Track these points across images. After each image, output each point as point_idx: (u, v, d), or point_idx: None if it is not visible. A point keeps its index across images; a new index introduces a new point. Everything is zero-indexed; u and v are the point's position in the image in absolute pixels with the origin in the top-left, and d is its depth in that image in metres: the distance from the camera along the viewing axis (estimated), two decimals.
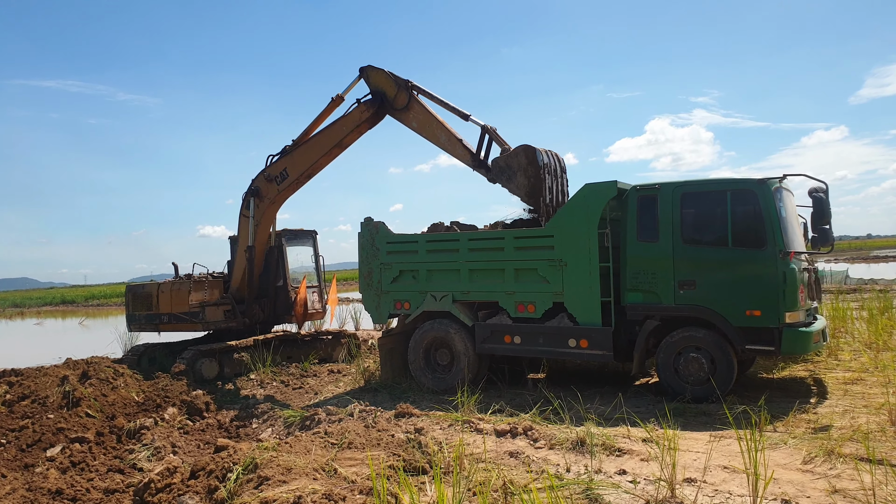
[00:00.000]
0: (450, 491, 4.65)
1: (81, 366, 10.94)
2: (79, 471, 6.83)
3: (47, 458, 7.18)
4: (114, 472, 6.85)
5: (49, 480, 6.37)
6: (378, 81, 10.77)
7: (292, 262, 14.42)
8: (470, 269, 9.67)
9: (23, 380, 10.69)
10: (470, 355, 9.56)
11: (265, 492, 4.64)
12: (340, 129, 11.12)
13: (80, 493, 6.10)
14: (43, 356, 16.46)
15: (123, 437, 7.99)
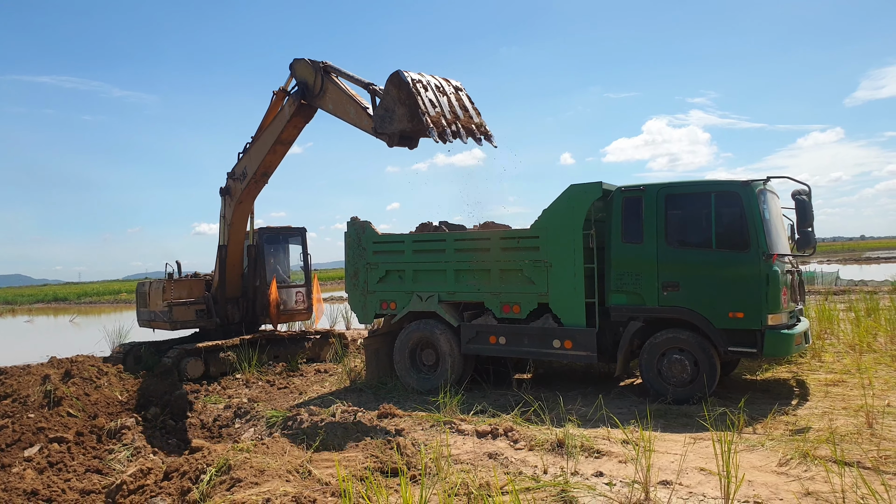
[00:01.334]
0: (417, 493, 4.63)
1: (65, 364, 10.87)
2: (56, 471, 6.79)
3: (24, 459, 7.14)
4: (92, 472, 6.82)
5: (25, 481, 6.33)
6: (301, 72, 10.38)
7: (291, 261, 14.43)
8: (456, 270, 9.65)
9: (6, 378, 10.65)
10: (455, 356, 9.55)
11: (236, 494, 4.62)
12: (277, 125, 10.94)
13: (56, 494, 6.06)
14: (30, 354, 16.37)
15: (104, 436, 7.95)
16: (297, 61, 10.43)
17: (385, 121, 8.29)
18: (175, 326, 13.05)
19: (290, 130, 10.89)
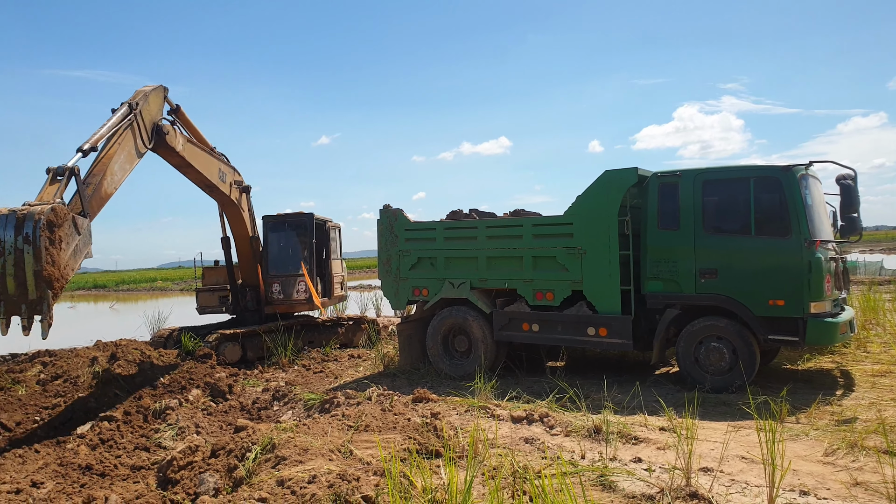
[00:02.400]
0: (462, 474, 4.70)
1: (110, 348, 11.23)
2: (107, 448, 7.03)
3: (78, 436, 7.41)
4: (140, 449, 7.03)
5: (80, 456, 6.58)
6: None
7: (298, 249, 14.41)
8: (488, 257, 9.68)
9: (56, 360, 11.03)
10: (488, 342, 9.60)
11: (282, 471, 4.74)
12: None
13: (109, 469, 6.29)
14: (75, 338, 16.89)
15: (150, 416, 8.20)
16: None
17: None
18: (201, 311, 13.87)
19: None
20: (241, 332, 12.62)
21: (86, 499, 5.48)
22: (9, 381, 10.32)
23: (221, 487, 5.13)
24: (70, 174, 7.24)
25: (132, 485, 5.92)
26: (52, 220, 6.27)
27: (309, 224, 13.69)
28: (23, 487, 5.86)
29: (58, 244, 6.36)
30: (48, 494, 5.70)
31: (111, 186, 8.11)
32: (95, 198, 7.79)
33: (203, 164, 10.94)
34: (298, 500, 4.19)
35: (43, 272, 6.19)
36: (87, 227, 6.94)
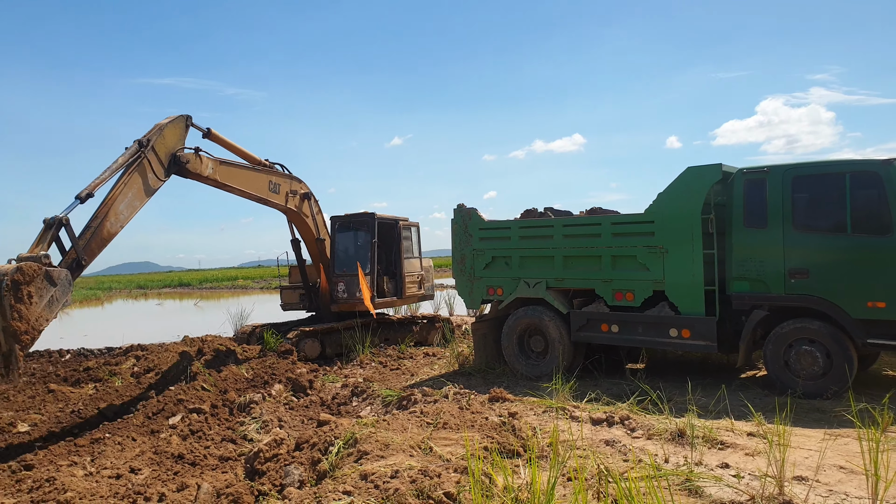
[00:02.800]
0: (545, 475, 4.66)
1: (197, 343, 11.74)
2: (196, 438, 7.36)
3: (170, 426, 7.79)
4: (227, 441, 7.32)
5: (172, 445, 6.91)
6: None
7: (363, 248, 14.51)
8: (564, 256, 9.56)
9: (148, 354, 11.64)
10: (565, 343, 9.47)
11: (364, 465, 4.82)
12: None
13: (199, 459, 6.58)
14: (164, 333, 17.75)
15: (235, 409, 8.52)
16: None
17: None
18: (284, 307, 14.44)
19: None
20: (320, 329, 12.95)
21: (179, 486, 5.74)
22: (106, 373, 10.97)
23: (306, 480, 5.27)
24: (59, 225, 7.66)
25: (221, 474, 6.17)
26: (19, 278, 6.69)
27: (371, 223, 13.77)
28: (122, 473, 6.20)
29: (26, 300, 6.75)
30: (145, 480, 6.00)
31: (115, 226, 8.51)
32: (96, 240, 8.23)
33: (244, 182, 11.22)
34: (382, 495, 4.25)
35: (9, 328, 6.62)
36: (65, 277, 7.30)
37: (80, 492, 5.57)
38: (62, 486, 5.67)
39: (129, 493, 5.62)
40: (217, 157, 10.59)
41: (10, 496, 5.74)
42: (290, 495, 4.74)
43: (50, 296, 7.03)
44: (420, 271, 14.94)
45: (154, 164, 9.08)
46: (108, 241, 8.48)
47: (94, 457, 6.81)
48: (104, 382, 10.51)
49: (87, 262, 8.02)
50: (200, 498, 5.40)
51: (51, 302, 7.05)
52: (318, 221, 13.30)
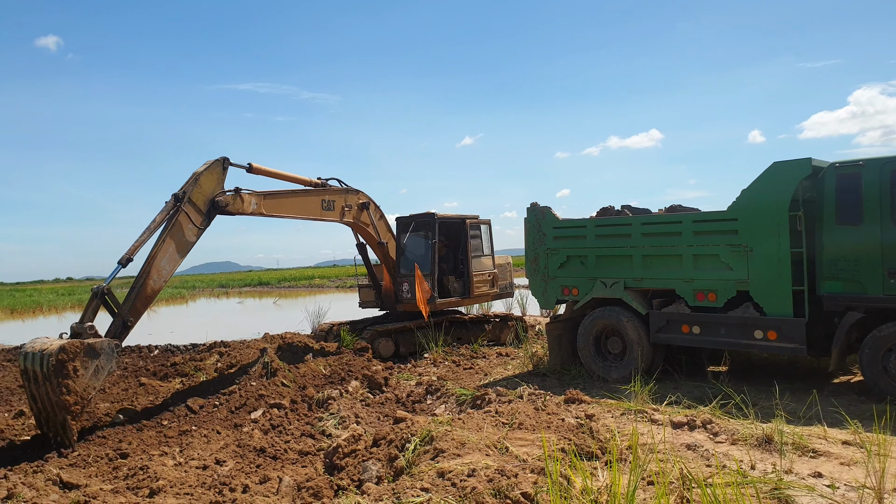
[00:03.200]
0: (625, 478, 4.55)
1: (276, 340, 12.11)
2: (277, 433, 7.58)
3: (252, 420, 8.06)
4: (306, 436, 7.50)
5: (254, 439, 7.14)
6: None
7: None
8: (643, 255, 9.31)
9: (230, 351, 12.08)
10: (643, 344, 9.23)
11: (441, 463, 4.85)
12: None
13: (280, 453, 6.78)
14: (245, 331, 18.40)
15: (313, 405, 8.73)
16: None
17: None
18: (361, 305, 14.80)
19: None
20: (393, 328, 13.11)
21: (262, 478, 5.93)
22: (192, 368, 11.45)
23: (383, 476, 5.34)
24: (102, 295, 8.27)
25: (301, 468, 6.33)
26: (63, 357, 7.30)
27: (432, 223, 13.74)
28: (208, 464, 6.46)
29: (72, 375, 7.36)
30: (230, 472, 6.23)
31: (158, 283, 8.96)
32: (140, 299, 8.72)
33: (293, 208, 11.37)
34: (459, 493, 4.26)
35: (60, 402, 7.27)
36: (107, 346, 7.82)
37: (170, 480, 5.83)
38: (154, 474, 5.96)
39: (216, 484, 5.84)
40: (261, 192, 10.65)
41: (108, 482, 6.07)
42: (368, 490, 4.81)
43: (95, 366, 7.63)
44: (492, 269, 14.72)
45: (192, 215, 9.40)
46: (153, 298, 9.01)
47: (183, 448, 7.12)
48: (190, 377, 10.98)
49: (132, 323, 8.59)
50: (282, 490, 5.55)
51: (96, 371, 7.65)
52: (379, 227, 13.38)
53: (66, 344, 7.39)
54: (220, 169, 9.94)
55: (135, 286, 8.74)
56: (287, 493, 5.49)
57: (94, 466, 6.58)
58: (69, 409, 7.31)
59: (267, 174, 11.20)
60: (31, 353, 7.44)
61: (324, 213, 12.01)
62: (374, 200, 13.25)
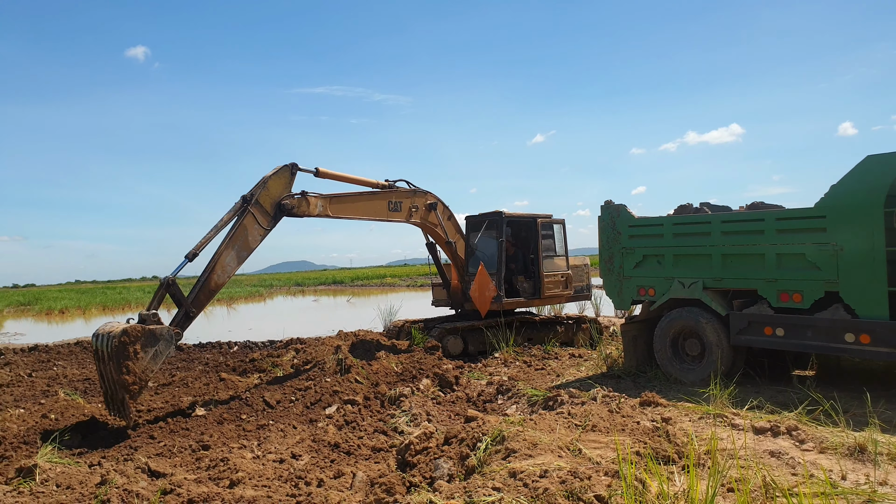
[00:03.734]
0: (703, 484, 4.39)
1: (350, 337, 12.34)
2: (351, 429, 7.73)
3: (326, 416, 8.24)
4: (378, 432, 7.61)
5: (329, 434, 7.30)
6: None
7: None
8: (723, 255, 8.97)
9: (306, 347, 12.40)
10: (723, 347, 8.90)
11: (513, 463, 4.81)
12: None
13: (353, 448, 6.90)
14: (320, 327, 18.86)
15: (385, 402, 8.85)
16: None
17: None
18: (434, 303, 15.00)
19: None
20: (461, 326, 13.13)
21: (336, 473, 6.05)
22: (269, 364, 11.82)
23: (455, 474, 5.35)
24: (167, 285, 8.74)
25: (374, 464, 6.42)
26: (125, 339, 7.84)
27: (499, 222, 13.67)
28: (285, 458, 6.64)
29: (132, 357, 7.90)
30: (305, 466, 6.39)
31: (222, 278, 9.43)
32: (203, 292, 9.21)
33: (359, 210, 11.66)
34: (531, 493, 4.21)
35: (120, 380, 7.79)
36: (167, 333, 8.33)
37: (249, 473, 6.03)
38: (234, 466, 6.17)
39: (292, 477, 6.00)
40: (327, 195, 10.99)
41: (192, 472, 6.33)
42: (440, 488, 4.82)
43: (154, 350, 8.14)
44: (566, 270, 14.50)
45: (259, 216, 9.82)
46: (216, 292, 9.48)
47: (261, 441, 7.35)
48: (267, 373, 11.34)
49: (195, 313, 9.10)
50: (356, 486, 5.64)
51: (155, 356, 8.16)
52: (447, 227, 13.42)
53: (129, 328, 7.91)
54: (288, 174, 10.28)
55: (200, 280, 9.20)
56: (360, 489, 5.57)
57: (179, 457, 6.88)
58: (128, 388, 7.79)
59: (334, 178, 11.47)
60: (100, 335, 8.00)
61: (390, 214, 12.21)
62: (443, 201, 13.31)
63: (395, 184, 12.58)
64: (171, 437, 7.81)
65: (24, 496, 5.42)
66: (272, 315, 35.67)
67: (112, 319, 10.63)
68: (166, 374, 12.80)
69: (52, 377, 13.31)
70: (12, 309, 50.23)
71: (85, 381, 12.61)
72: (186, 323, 9.02)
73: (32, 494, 5.46)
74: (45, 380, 12.96)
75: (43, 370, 14.52)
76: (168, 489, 5.52)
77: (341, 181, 11.64)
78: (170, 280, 8.76)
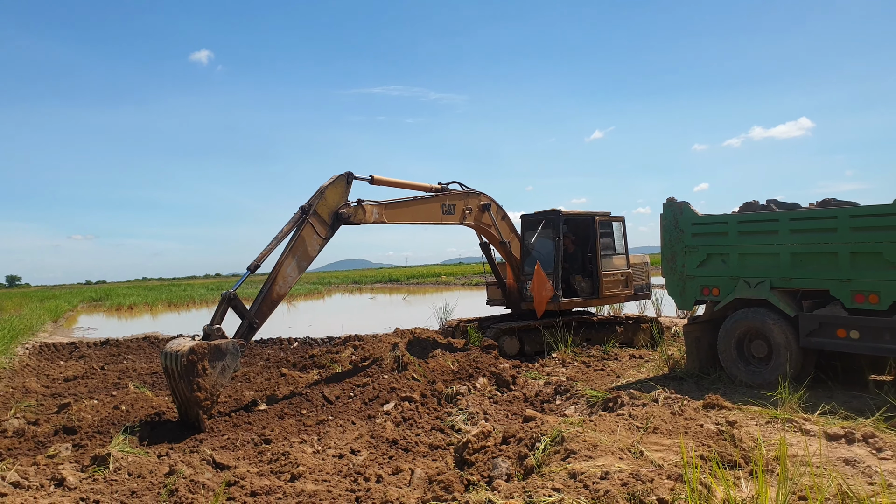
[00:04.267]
0: (772, 490, 4.23)
1: (407, 335, 12.43)
2: (408, 425, 7.77)
3: (384, 412, 8.31)
4: (435, 430, 7.63)
5: (387, 431, 7.36)
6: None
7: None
8: (792, 253, 8.62)
9: (364, 344, 12.55)
10: (792, 349, 8.55)
11: (572, 464, 4.74)
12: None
13: (411, 445, 6.94)
14: (377, 325, 19.08)
15: (442, 400, 8.87)
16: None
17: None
18: (489, 303, 14.98)
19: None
20: (517, 326, 13.03)
21: (394, 469, 6.09)
22: (328, 360, 12.01)
23: (513, 473, 5.31)
24: (230, 299, 8.91)
25: (431, 462, 6.43)
26: (193, 358, 8.03)
27: (556, 220, 13.47)
28: (344, 453, 6.73)
29: (202, 373, 8.07)
30: (364, 461, 6.45)
31: (283, 288, 9.62)
32: (266, 303, 9.39)
33: (413, 215, 11.74)
34: (591, 495, 4.14)
35: (192, 398, 8.00)
36: (232, 346, 8.50)
37: (309, 467, 6.13)
38: (295, 460, 6.29)
39: (351, 473, 6.07)
40: (382, 202, 11.13)
41: (254, 465, 6.48)
42: (498, 487, 4.79)
43: (222, 365, 8.33)
44: (625, 269, 14.20)
45: (317, 226, 10.00)
46: (278, 303, 9.66)
47: (320, 436, 7.47)
48: (326, 369, 11.53)
49: (258, 324, 9.25)
50: (414, 482, 5.67)
51: (223, 370, 8.35)
52: (501, 227, 13.34)
53: (195, 346, 8.10)
54: (344, 183, 10.43)
55: (262, 291, 9.41)
56: (419, 485, 5.59)
57: (242, 450, 7.06)
58: (200, 404, 8.02)
59: (388, 184, 11.60)
60: (169, 353, 8.21)
61: (444, 217, 12.27)
62: (497, 201, 13.27)
63: (448, 186, 12.60)
64: (234, 430, 8.02)
65: (98, 483, 5.66)
66: (331, 312, 36.29)
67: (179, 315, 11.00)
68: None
69: (123, 370, 13.91)
70: (85, 304, 52.74)
71: (153, 375, 13.11)
72: (250, 334, 9.23)
73: (106, 482, 5.70)
74: (116, 373, 13.55)
75: (114, 363, 15.19)
76: (232, 481, 5.66)
77: (395, 187, 11.80)
78: (231, 294, 8.95)
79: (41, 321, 27.69)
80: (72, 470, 5.89)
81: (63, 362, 15.74)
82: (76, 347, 18.70)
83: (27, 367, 14.44)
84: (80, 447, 7.38)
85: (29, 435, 8.19)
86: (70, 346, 18.86)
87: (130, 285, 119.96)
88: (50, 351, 18.09)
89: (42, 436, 8.15)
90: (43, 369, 14.48)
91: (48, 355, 17.29)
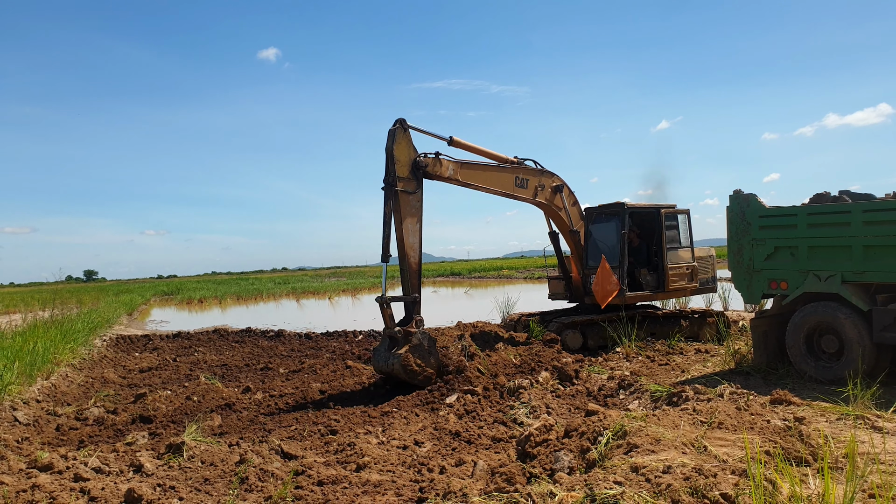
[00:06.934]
0: (840, 488, 4.18)
1: (469, 329, 12.59)
2: (471, 418, 7.92)
3: (447, 405, 8.50)
4: (498, 423, 7.75)
5: (449, 423, 7.54)
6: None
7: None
8: (865, 246, 8.35)
9: None
10: (865, 344, 8.29)
11: (634, 458, 4.79)
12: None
13: (473, 437, 7.08)
14: (440, 318, 19.32)
15: (504, 393, 8.98)
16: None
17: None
18: (551, 297, 14.95)
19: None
20: (580, 320, 13.00)
21: (457, 461, 6.24)
22: None
23: (575, 467, 5.39)
24: (386, 302, 10.24)
25: (494, 454, 6.56)
26: (407, 365, 9.68)
27: (622, 213, 13.30)
28: (408, 444, 6.93)
29: (422, 368, 9.89)
30: (427, 453, 6.64)
31: (414, 256, 10.52)
32: (411, 276, 10.45)
33: (487, 180, 11.86)
34: (653, 489, 4.19)
35: (411, 375, 9.77)
36: (418, 331, 10.10)
37: (374, 458, 6.36)
38: (360, 451, 6.52)
39: (415, 464, 6.26)
40: (459, 160, 11.35)
41: (320, 455, 6.75)
42: (560, 480, 4.89)
43: (425, 348, 10.03)
44: (691, 262, 13.93)
45: (406, 186, 10.39)
46: (419, 270, 10.66)
47: (385, 428, 7.70)
48: None
49: (418, 297, 10.51)
50: (477, 474, 5.82)
51: (429, 350, 10.06)
52: (571, 213, 13.29)
53: (403, 357, 9.68)
54: (402, 132, 10.60)
55: (402, 270, 10.42)
56: (481, 477, 5.73)
57: (308, 440, 7.35)
58: (433, 379, 9.89)
59: (466, 148, 11.81)
60: (382, 365, 10.15)
61: (516, 189, 12.39)
62: (569, 185, 13.26)
63: (524, 161, 12.72)
64: (301, 421, 8.35)
65: (173, 470, 6.03)
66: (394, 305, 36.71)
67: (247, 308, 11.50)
68: (296, 362, 13.64)
69: (194, 362, 14.59)
70: (158, 298, 55.18)
71: (222, 367, 13.70)
72: (416, 307, 10.44)
73: (181, 469, 6.06)
74: (188, 364, 14.24)
75: (185, 355, 15.94)
76: (300, 470, 5.94)
77: (472, 152, 12.00)
78: (385, 300, 10.17)
79: (117, 314, 29.15)
80: (149, 457, 6.27)
81: (138, 354, 16.64)
82: (150, 340, 19.68)
83: (105, 359, 15.34)
84: (156, 435, 7.85)
85: (108, 423, 8.77)
86: (144, 339, 19.87)
87: (200, 279, 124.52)
88: (126, 343, 19.11)
89: (120, 424, 8.71)
90: (119, 360, 15.37)
91: (124, 347, 18.29)
